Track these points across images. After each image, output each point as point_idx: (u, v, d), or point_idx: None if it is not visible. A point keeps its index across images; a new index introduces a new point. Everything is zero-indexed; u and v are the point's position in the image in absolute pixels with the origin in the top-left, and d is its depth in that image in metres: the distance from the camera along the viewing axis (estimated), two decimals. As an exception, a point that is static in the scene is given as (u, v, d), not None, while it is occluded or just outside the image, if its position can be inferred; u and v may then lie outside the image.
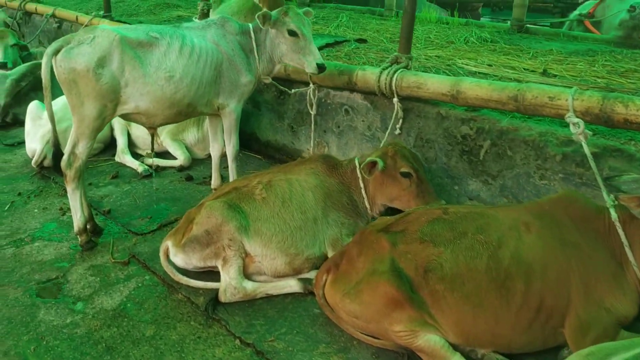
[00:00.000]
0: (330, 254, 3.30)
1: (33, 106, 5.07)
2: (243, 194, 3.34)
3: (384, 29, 6.85)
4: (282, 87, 4.68)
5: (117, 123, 5.18)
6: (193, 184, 4.70)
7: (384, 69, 3.99)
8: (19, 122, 6.09)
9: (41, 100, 6.11)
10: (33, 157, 4.94)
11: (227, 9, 5.76)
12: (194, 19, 5.71)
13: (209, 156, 5.13)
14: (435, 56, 5.29)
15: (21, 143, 5.59)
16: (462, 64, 4.69)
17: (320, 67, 3.77)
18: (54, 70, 3.44)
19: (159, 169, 4.93)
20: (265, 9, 5.12)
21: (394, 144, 3.53)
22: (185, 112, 3.82)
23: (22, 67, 6.37)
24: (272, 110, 5.05)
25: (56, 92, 3.80)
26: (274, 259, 3.19)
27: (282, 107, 4.94)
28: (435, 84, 3.69)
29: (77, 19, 7.19)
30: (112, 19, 6.80)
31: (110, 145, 5.36)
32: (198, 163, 5.11)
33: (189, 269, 3.28)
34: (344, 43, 5.70)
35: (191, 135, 5.10)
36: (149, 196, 4.45)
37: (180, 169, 4.94)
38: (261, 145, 5.23)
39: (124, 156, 5.04)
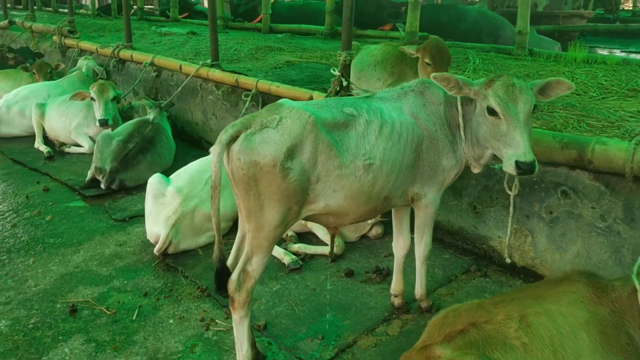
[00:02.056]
0: None
1: (155, 181, 4.27)
2: (490, 336, 2.35)
3: (534, 74, 5.84)
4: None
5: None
6: (356, 281, 3.75)
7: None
8: (126, 190, 5.35)
9: (152, 164, 5.38)
10: (154, 241, 4.13)
11: (367, 57, 4.90)
12: (333, 70, 4.85)
13: (361, 238, 4.22)
14: (637, 112, 4.25)
15: (133, 217, 4.82)
16: None
17: (522, 168, 2.64)
18: (227, 163, 2.58)
19: (306, 258, 4.03)
20: (427, 59, 4.28)
21: None
22: (380, 207, 2.90)
23: (128, 126, 5.66)
24: (445, 184, 4.08)
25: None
26: None
27: (459, 181, 3.97)
28: None
29: (180, 68, 6.49)
30: (221, 69, 6.04)
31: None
32: (351, 249, 4.17)
33: None
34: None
35: (342, 214, 4.17)
36: (308, 301, 3.53)
37: (333, 258, 4.02)
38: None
39: (261, 240, 4.15)
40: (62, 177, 5.72)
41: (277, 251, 4.01)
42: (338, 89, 4.68)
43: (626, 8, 21.30)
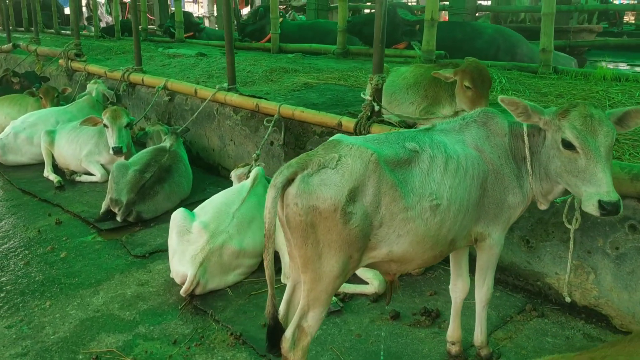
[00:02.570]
0: None
1: (179, 217, 3.99)
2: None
3: (566, 93, 5.60)
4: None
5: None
6: (404, 324, 3.46)
7: None
8: (143, 222, 5.07)
9: (170, 194, 5.11)
10: (180, 281, 3.84)
11: (398, 80, 4.65)
12: (363, 94, 4.60)
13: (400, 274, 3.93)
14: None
15: (153, 253, 4.53)
16: None
17: (606, 209, 2.36)
18: (280, 208, 2.31)
19: (346, 298, 3.74)
20: (467, 82, 4.03)
21: None
22: (445, 251, 2.63)
23: (144, 155, 5.39)
24: (492, 216, 3.81)
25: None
26: None
27: (509, 213, 3.69)
28: None
29: (196, 92, 6.24)
30: (240, 93, 5.79)
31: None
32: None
33: None
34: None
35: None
36: (355, 349, 3.23)
37: (375, 298, 3.73)
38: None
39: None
40: (74, 209, 5.44)
41: (314, 291, 3.72)
42: (369, 114, 4.43)
43: (629, 21, 21.21)
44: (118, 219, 5.01)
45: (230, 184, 5.89)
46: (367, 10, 18.34)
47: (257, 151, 4.85)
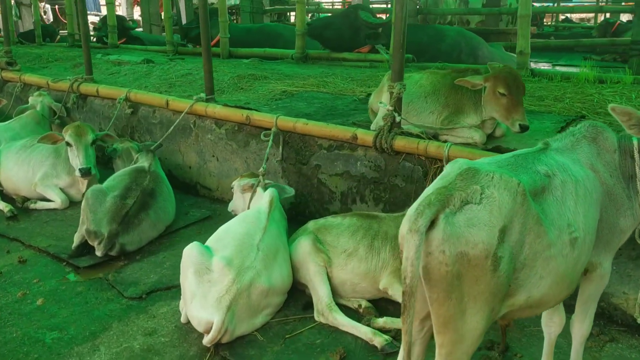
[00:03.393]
0: None
1: (194, 253, 3.41)
2: None
3: (561, 96, 5.47)
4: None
5: (314, 264, 3.57)
6: (473, 363, 3.10)
7: None
8: (127, 255, 4.41)
9: (156, 222, 4.50)
10: (203, 329, 3.27)
11: (414, 88, 4.32)
12: (380, 104, 4.22)
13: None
14: None
15: (151, 293, 3.92)
16: None
17: None
18: (413, 255, 1.86)
19: (398, 335, 3.33)
20: (501, 89, 3.75)
21: None
22: (574, 291, 2.28)
23: (122, 178, 4.71)
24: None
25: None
26: None
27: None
28: None
29: (167, 104, 5.60)
30: (225, 104, 5.23)
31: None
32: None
33: None
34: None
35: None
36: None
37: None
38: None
39: (334, 316, 3.41)
40: (38, 243, 4.66)
41: (361, 330, 3.30)
42: (390, 125, 4.05)
43: (548, 23, 22.16)
44: (98, 253, 4.32)
45: (214, 204, 5.37)
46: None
47: (263, 165, 4.34)
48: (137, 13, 25.10)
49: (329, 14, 15.76)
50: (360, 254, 3.57)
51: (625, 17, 18.55)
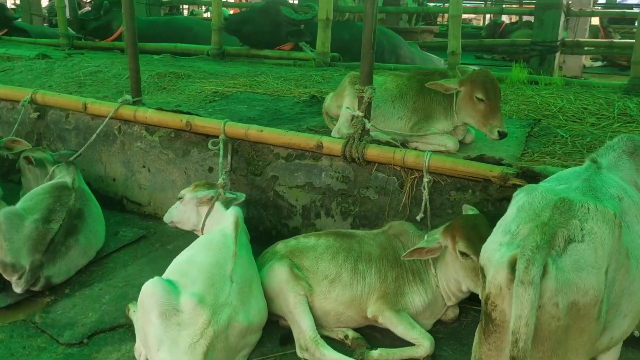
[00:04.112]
0: None
1: (157, 291, 2.84)
2: None
3: (531, 102, 5.33)
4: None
5: (294, 294, 3.15)
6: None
7: None
8: (52, 289, 3.72)
9: (86, 247, 3.88)
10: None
11: (379, 92, 3.99)
12: (348, 109, 3.86)
13: (435, 324, 3.35)
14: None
15: (93, 336, 3.30)
16: None
17: None
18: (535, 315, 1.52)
19: None
20: (479, 94, 3.56)
21: None
22: None
23: (41, 196, 3.97)
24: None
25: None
26: None
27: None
28: None
29: (85, 107, 4.87)
30: (160, 108, 4.62)
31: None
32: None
33: None
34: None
35: (417, 298, 3.22)
36: None
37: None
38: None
39: (321, 352, 3.02)
40: None
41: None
42: (360, 132, 3.72)
43: (440, 22, 22.96)
44: (17, 289, 3.58)
45: (145, 220, 4.76)
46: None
47: (221, 176, 3.83)
48: (10, 0, 22.74)
49: (247, 9, 15.10)
50: (344, 279, 3.21)
51: (505, 18, 19.71)
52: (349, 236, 3.40)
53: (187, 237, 4.38)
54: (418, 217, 3.58)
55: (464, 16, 27.25)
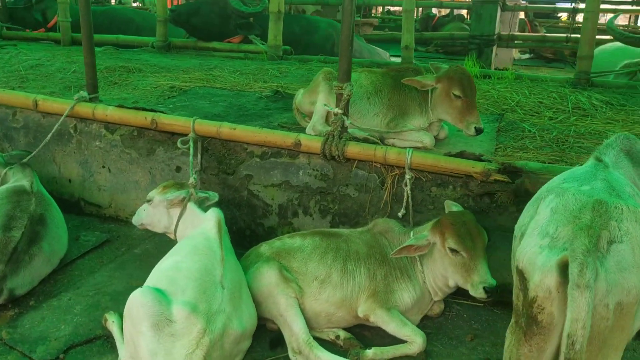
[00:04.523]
0: None
1: (147, 301, 2.69)
2: None
3: (510, 98, 5.37)
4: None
5: (284, 297, 3.09)
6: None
7: None
8: (17, 302, 3.48)
9: (50, 255, 3.67)
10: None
11: (355, 89, 3.96)
12: (326, 106, 3.81)
13: (422, 319, 3.39)
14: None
15: (70, 350, 3.11)
16: None
17: None
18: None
19: (390, 367, 3.01)
20: (457, 91, 3.61)
21: None
22: None
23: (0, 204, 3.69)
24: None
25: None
26: None
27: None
28: None
29: (36, 104, 4.56)
30: (120, 105, 4.40)
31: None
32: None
33: None
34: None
35: (406, 295, 3.23)
36: None
37: (423, 358, 3.08)
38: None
39: (316, 354, 2.97)
40: None
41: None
42: (340, 129, 3.69)
43: (375, 14, 23.20)
44: (-22, 304, 3.34)
45: (107, 223, 4.53)
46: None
47: (192, 176, 3.68)
48: None
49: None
50: (334, 280, 3.17)
51: (436, 11, 20.19)
52: (335, 235, 3.37)
53: (155, 239, 4.24)
54: (399, 214, 3.59)
55: (396, 8, 27.68)
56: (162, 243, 4.20)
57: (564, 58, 13.63)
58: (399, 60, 7.62)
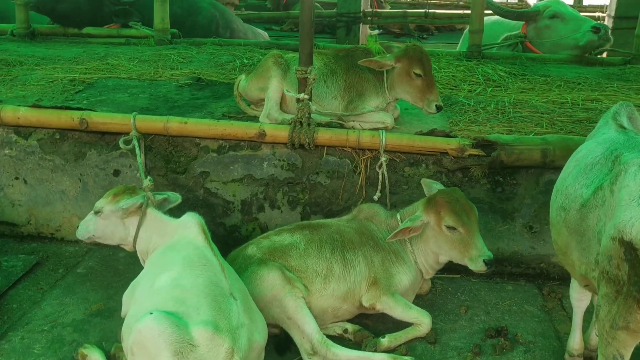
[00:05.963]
0: None
1: (166, 328, 2.32)
2: None
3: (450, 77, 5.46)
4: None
5: (292, 299, 2.89)
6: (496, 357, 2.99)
7: None
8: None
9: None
10: None
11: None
12: (287, 91, 3.59)
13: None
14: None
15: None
16: None
17: None
18: None
19: (407, 352, 2.98)
20: (417, 70, 3.64)
21: None
22: None
23: None
24: (491, 209, 3.59)
25: None
26: None
27: (509, 203, 3.57)
28: None
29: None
30: (38, 105, 3.77)
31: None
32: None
33: None
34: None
35: (404, 277, 3.20)
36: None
37: (433, 339, 3.08)
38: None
39: (334, 352, 2.85)
40: None
41: (379, 357, 2.85)
42: (308, 116, 3.55)
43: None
44: None
45: (27, 243, 3.93)
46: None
47: (147, 178, 3.27)
48: None
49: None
50: (336, 273, 3.05)
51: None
52: (324, 226, 3.24)
53: (96, 255, 3.82)
54: (375, 197, 3.55)
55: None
56: (107, 258, 3.78)
57: (410, 32, 14.54)
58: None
